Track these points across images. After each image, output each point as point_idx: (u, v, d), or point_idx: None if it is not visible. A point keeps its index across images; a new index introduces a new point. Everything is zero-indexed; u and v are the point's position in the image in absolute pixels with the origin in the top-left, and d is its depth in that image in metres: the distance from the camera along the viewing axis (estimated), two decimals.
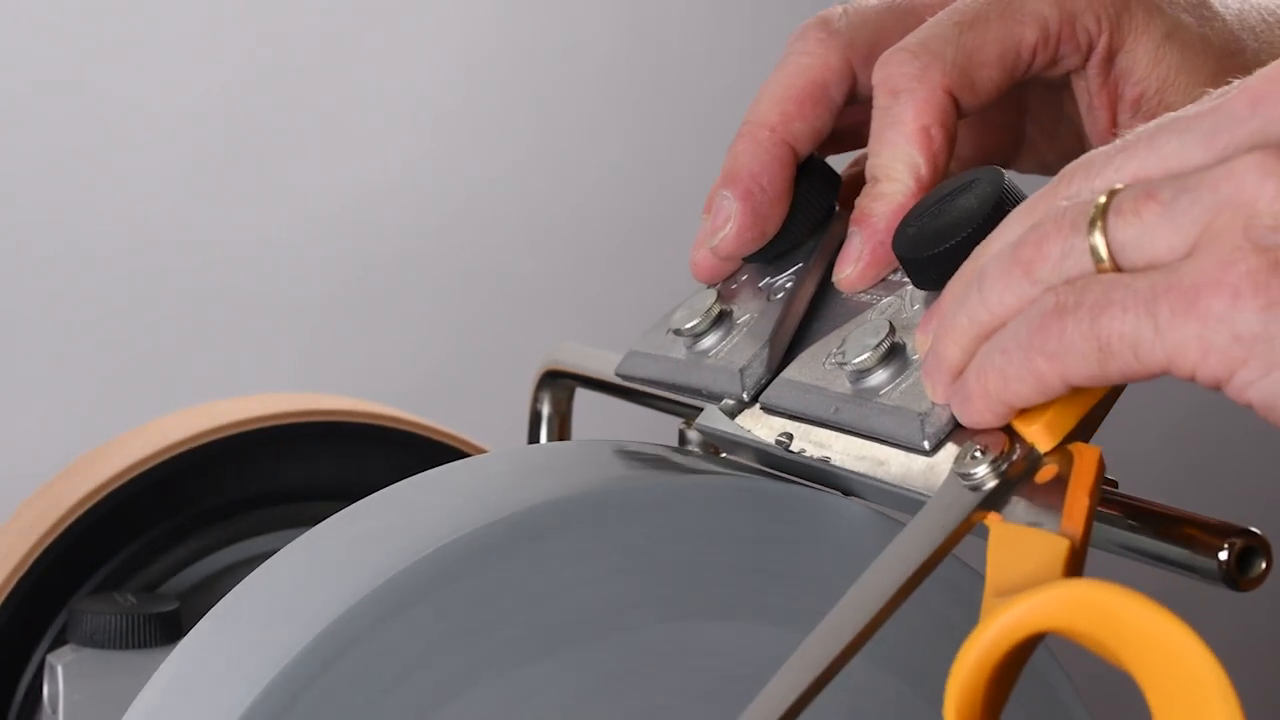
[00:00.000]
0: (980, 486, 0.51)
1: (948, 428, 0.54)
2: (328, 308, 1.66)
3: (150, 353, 1.60)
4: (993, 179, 0.57)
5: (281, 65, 1.63)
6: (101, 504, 0.84)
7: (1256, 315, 0.45)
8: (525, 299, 1.69)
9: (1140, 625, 0.44)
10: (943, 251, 0.56)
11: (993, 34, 0.62)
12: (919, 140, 0.61)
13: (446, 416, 0.98)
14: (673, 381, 0.64)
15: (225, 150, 1.61)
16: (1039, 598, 0.45)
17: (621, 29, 1.74)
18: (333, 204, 1.65)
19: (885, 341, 0.56)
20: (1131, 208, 0.47)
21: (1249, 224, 0.45)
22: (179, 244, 1.61)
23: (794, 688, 0.49)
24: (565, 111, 1.71)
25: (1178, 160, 0.48)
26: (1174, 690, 0.43)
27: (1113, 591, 0.44)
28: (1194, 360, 0.46)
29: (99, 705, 0.76)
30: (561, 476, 0.57)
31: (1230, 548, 0.50)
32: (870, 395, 0.57)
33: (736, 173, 0.63)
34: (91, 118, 1.57)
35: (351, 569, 0.56)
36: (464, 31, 1.68)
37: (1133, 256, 0.47)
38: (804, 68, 0.65)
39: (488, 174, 1.70)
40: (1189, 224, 0.46)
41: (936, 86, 0.61)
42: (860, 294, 0.62)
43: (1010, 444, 0.51)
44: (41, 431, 1.56)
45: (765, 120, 0.64)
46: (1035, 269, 0.49)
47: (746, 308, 0.64)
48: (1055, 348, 0.48)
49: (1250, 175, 0.45)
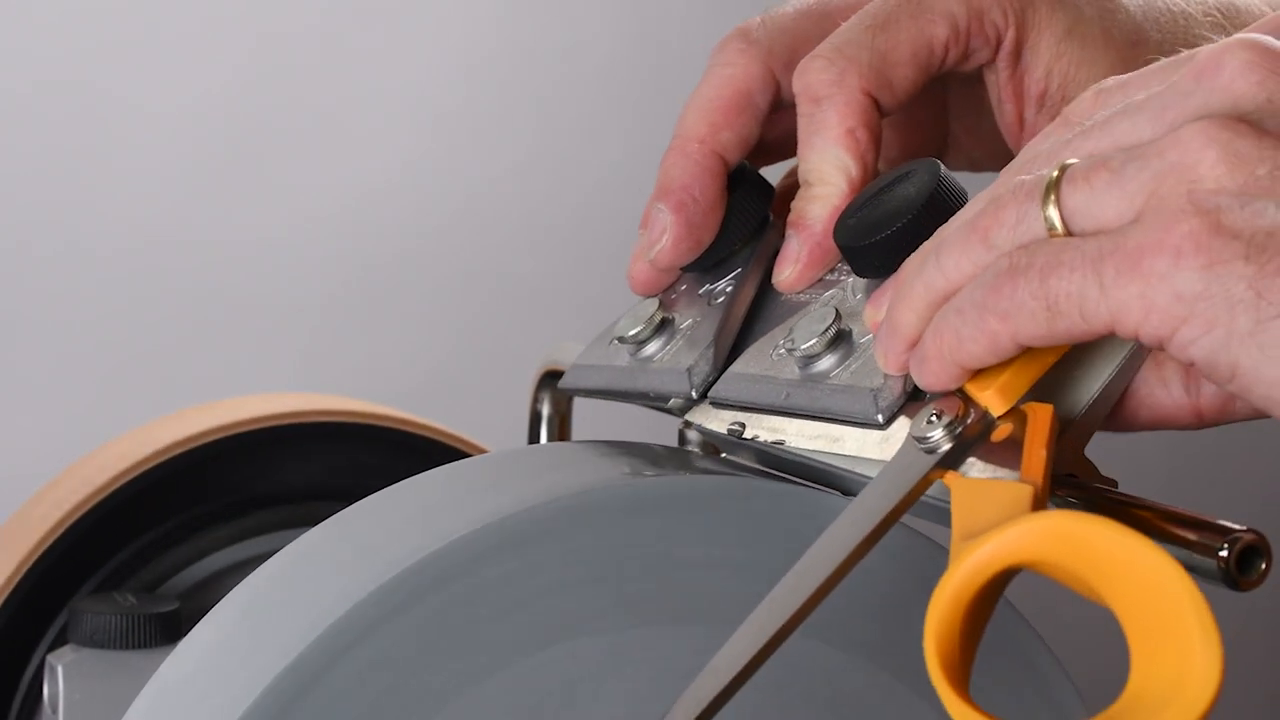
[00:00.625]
0: (936, 449, 0.53)
1: (900, 400, 0.56)
2: (328, 308, 1.66)
3: (150, 353, 1.60)
4: (929, 169, 0.59)
5: (281, 65, 1.63)
6: (101, 504, 0.84)
7: (1197, 274, 0.46)
8: (525, 299, 1.69)
9: (1114, 551, 0.44)
10: (883, 239, 0.58)
11: (904, 34, 0.64)
12: (845, 142, 0.63)
13: (446, 416, 0.98)
14: (619, 389, 0.65)
15: (225, 150, 1.61)
16: (1012, 531, 0.45)
17: (621, 29, 1.74)
18: (333, 204, 1.65)
19: (832, 327, 0.58)
20: (1083, 175, 0.49)
21: (1192, 188, 0.47)
22: (179, 244, 1.60)
23: (756, 640, 0.51)
24: (565, 111, 1.71)
25: (1130, 138, 0.50)
26: (1149, 614, 0.43)
27: (1085, 519, 0.45)
28: (1137, 319, 0.47)
29: (99, 705, 0.76)
30: (541, 480, 0.57)
31: (1230, 547, 0.50)
32: (820, 379, 0.58)
33: (669, 185, 0.65)
34: (91, 118, 1.57)
35: (348, 571, 0.56)
36: (464, 31, 1.68)
37: (1083, 222, 0.49)
38: (727, 78, 0.67)
39: (488, 174, 1.70)
40: (1136, 190, 0.48)
41: (855, 90, 0.63)
42: (799, 294, 0.63)
43: (965, 408, 0.53)
44: (41, 431, 1.56)
45: (694, 133, 0.66)
46: (991, 235, 0.51)
47: (688, 314, 0.65)
48: (1007, 307, 0.49)
49: (1194, 142, 0.47)
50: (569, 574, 0.54)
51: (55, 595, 0.84)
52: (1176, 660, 0.42)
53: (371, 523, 0.58)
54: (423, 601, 0.53)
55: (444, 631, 0.54)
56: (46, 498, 0.87)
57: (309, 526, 0.61)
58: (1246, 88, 0.48)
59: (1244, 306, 0.46)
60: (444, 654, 0.54)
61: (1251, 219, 0.46)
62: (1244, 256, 0.46)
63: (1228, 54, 0.49)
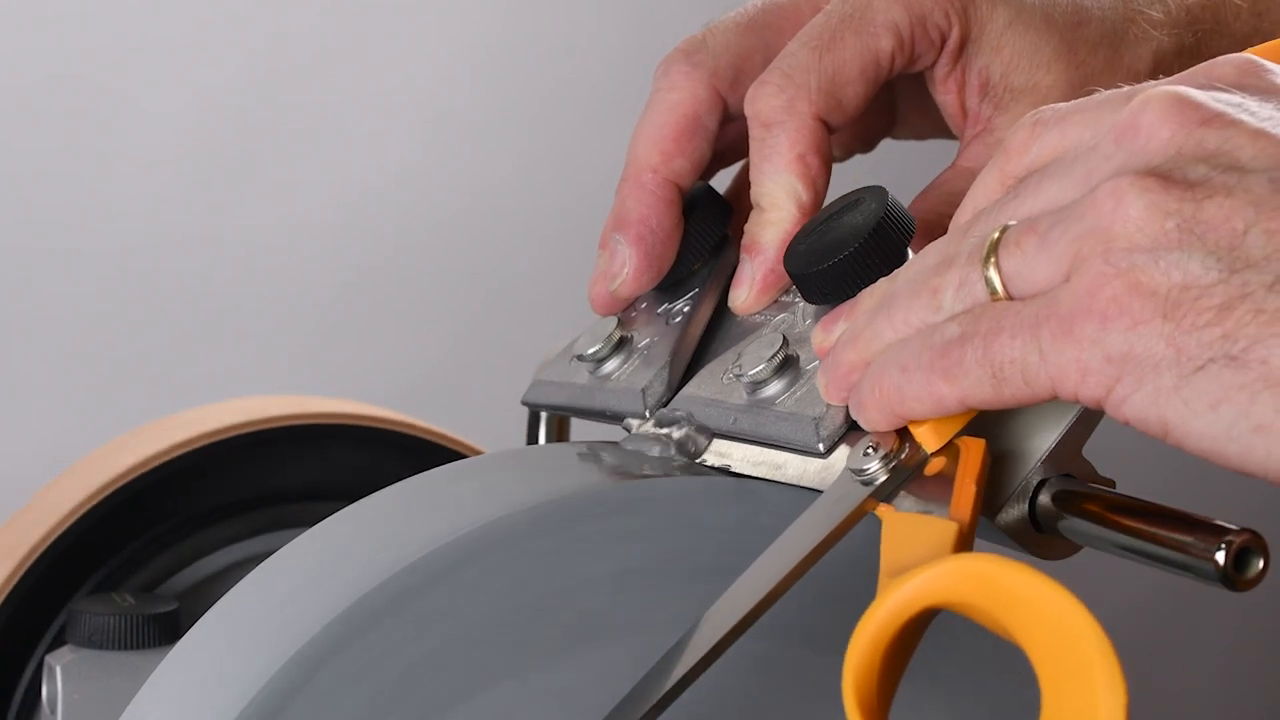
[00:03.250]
0: (872, 481, 0.54)
1: (841, 430, 0.57)
2: (327, 308, 1.66)
3: (149, 353, 1.60)
4: (878, 198, 0.60)
5: (281, 65, 1.63)
6: (101, 504, 0.84)
7: (1123, 336, 0.48)
8: (525, 299, 1.69)
9: (1024, 594, 0.45)
10: (829, 267, 0.59)
11: (850, 51, 0.65)
12: (796, 169, 0.64)
13: (446, 416, 0.98)
14: (577, 406, 0.67)
15: (224, 151, 1.61)
16: (930, 572, 0.47)
17: (621, 29, 1.74)
18: (332, 204, 1.65)
19: (779, 354, 0.60)
20: (1015, 240, 0.51)
21: (1108, 248, 0.48)
22: (178, 244, 1.61)
23: (682, 667, 0.52)
24: (565, 111, 1.71)
25: (1058, 200, 0.51)
26: (1059, 656, 0.45)
27: (998, 563, 0.46)
28: (1075, 382, 0.49)
29: (98, 706, 0.76)
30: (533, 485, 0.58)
31: (1227, 547, 0.50)
32: (767, 405, 0.59)
33: (626, 218, 0.67)
34: (90, 119, 1.57)
35: (346, 573, 0.56)
36: (464, 31, 1.68)
37: (1020, 286, 0.51)
38: (674, 104, 0.68)
39: (488, 174, 1.70)
40: (1060, 253, 0.49)
41: (806, 116, 0.64)
42: (754, 315, 0.65)
43: (900, 442, 0.54)
44: (41, 431, 1.56)
45: (647, 162, 0.68)
46: (939, 296, 0.53)
47: (646, 332, 0.66)
48: (956, 373, 0.51)
49: (1107, 203, 0.49)
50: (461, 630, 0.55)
51: (54, 596, 0.84)
52: (1083, 701, 0.44)
53: (359, 532, 0.59)
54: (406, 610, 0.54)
55: (443, 634, 0.54)
56: (46, 498, 0.87)
57: (307, 527, 0.61)
58: (1159, 145, 0.49)
59: (1166, 364, 0.47)
60: (440, 658, 0.54)
61: (1165, 274, 0.48)
62: (1162, 314, 0.47)
63: (1144, 111, 0.50)
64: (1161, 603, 1.88)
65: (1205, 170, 0.48)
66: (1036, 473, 0.56)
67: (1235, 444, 0.47)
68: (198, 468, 0.86)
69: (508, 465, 0.62)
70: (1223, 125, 0.49)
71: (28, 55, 1.55)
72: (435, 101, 1.68)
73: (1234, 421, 0.46)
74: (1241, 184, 0.48)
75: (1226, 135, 0.49)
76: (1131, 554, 0.53)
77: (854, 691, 0.47)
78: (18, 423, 1.57)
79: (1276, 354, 0.46)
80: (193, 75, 1.60)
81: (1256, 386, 0.46)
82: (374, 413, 0.89)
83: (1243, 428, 0.46)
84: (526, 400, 0.70)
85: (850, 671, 0.47)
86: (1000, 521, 0.56)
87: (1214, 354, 0.47)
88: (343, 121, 1.66)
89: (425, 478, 0.61)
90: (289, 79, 1.63)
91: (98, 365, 1.59)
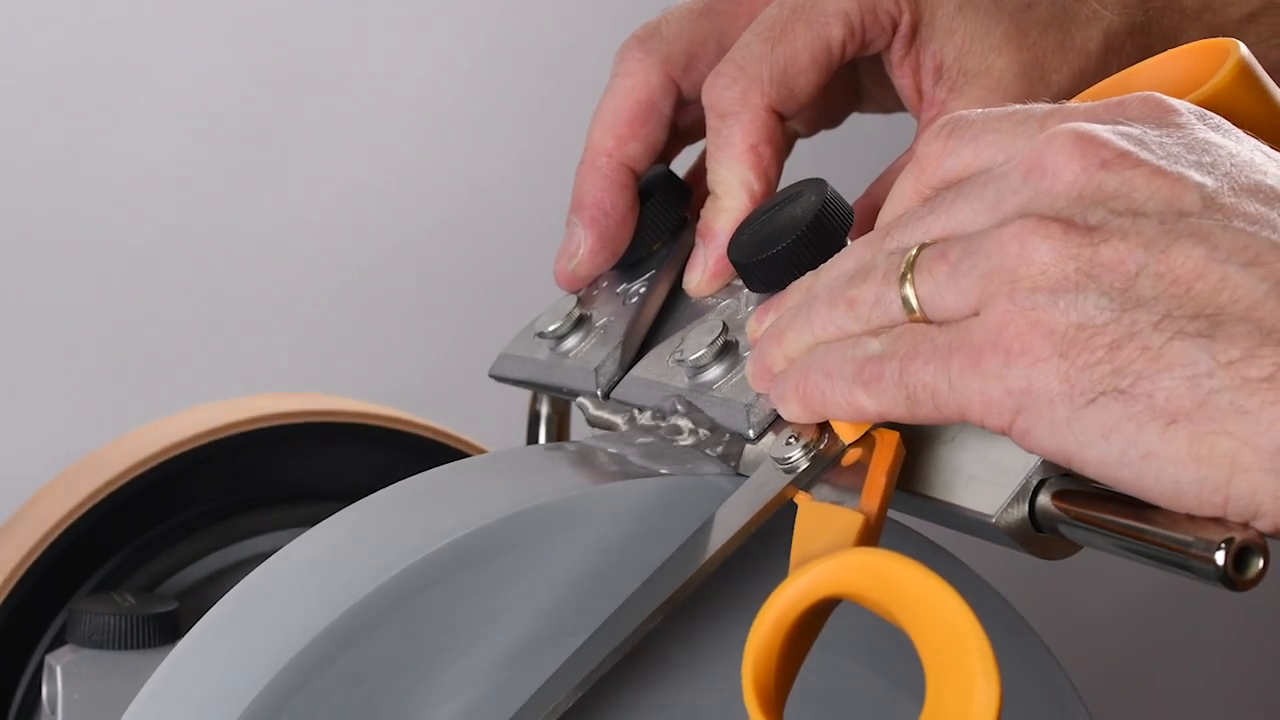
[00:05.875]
0: (793, 469, 0.57)
1: (770, 417, 0.60)
2: (327, 307, 1.66)
3: (149, 353, 1.60)
4: (818, 190, 0.63)
5: (280, 65, 1.63)
6: (101, 504, 0.84)
7: (1023, 372, 0.51)
8: (525, 299, 1.69)
9: (912, 588, 0.48)
10: (768, 258, 0.62)
11: (802, 42, 0.67)
12: (749, 159, 0.67)
13: (446, 416, 0.98)
14: (538, 381, 0.70)
15: (223, 150, 1.61)
16: (825, 565, 0.49)
17: (621, 29, 1.74)
18: (332, 203, 1.65)
19: (719, 339, 0.63)
20: (928, 266, 0.54)
21: (1013, 288, 0.51)
22: (178, 244, 1.60)
23: (601, 651, 0.54)
24: (565, 111, 1.71)
25: (970, 224, 0.54)
26: (942, 648, 0.47)
27: (887, 557, 0.49)
28: (980, 412, 0.52)
29: (98, 705, 0.76)
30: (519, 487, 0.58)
31: (1227, 547, 0.49)
32: (705, 389, 0.62)
33: (581, 201, 0.70)
34: (89, 119, 1.57)
35: (346, 572, 0.56)
36: (464, 31, 1.68)
37: (933, 310, 0.53)
38: (628, 90, 0.71)
39: (487, 174, 1.70)
40: (968, 286, 0.52)
41: (759, 108, 0.67)
42: (706, 298, 0.68)
43: (820, 433, 0.57)
44: (41, 431, 1.56)
45: (601, 146, 0.71)
46: (856, 306, 0.55)
47: (604, 311, 0.69)
48: (876, 387, 0.54)
49: (1013, 244, 0.51)
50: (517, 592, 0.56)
51: (54, 595, 0.84)
52: (961, 691, 0.46)
53: (355, 534, 0.59)
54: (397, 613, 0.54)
55: (443, 635, 0.54)
56: (45, 498, 0.87)
57: (307, 527, 0.61)
58: (1062, 186, 0.52)
59: (1061, 399, 0.50)
60: (435, 658, 0.54)
61: (1064, 314, 0.50)
62: (1059, 353, 0.50)
63: (1049, 151, 0.52)
64: (1161, 602, 1.88)
65: (1103, 214, 0.51)
66: (1037, 473, 0.56)
67: (1128, 469, 0.50)
68: (198, 467, 0.86)
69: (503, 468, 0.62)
70: (1123, 166, 0.51)
71: (26, 56, 1.55)
72: (436, 100, 1.68)
73: (1124, 449, 0.50)
74: (1134, 227, 0.50)
75: (1125, 177, 0.51)
76: (1131, 554, 0.53)
77: (752, 678, 0.49)
78: (18, 422, 1.57)
79: (1161, 388, 0.49)
80: (190, 76, 1.60)
81: (1144, 417, 0.49)
82: (375, 411, 0.89)
83: (1133, 455, 0.49)
84: (493, 373, 0.73)
85: (749, 659, 0.49)
86: (1000, 521, 0.56)
87: (1104, 388, 0.50)
88: (343, 121, 1.65)
89: (426, 477, 0.61)
90: (288, 78, 1.63)
91: (97, 365, 1.59)
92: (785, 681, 0.50)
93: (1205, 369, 0.48)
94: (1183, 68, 0.61)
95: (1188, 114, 0.54)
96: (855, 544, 0.53)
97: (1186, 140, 0.53)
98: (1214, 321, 0.49)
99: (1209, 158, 0.52)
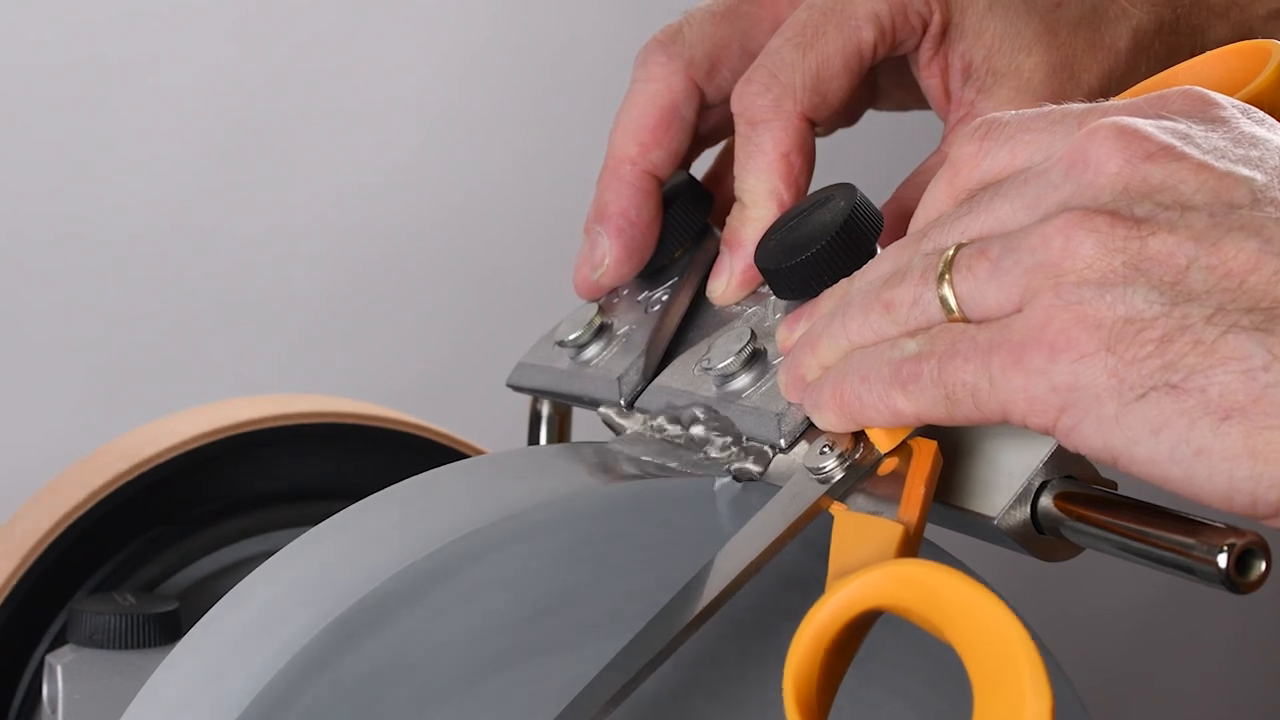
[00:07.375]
0: (828, 479, 0.56)
1: (802, 426, 0.59)
2: (326, 307, 1.66)
3: (149, 353, 1.60)
4: (847, 196, 0.61)
5: (279, 65, 1.62)
6: (101, 504, 0.84)
7: (1069, 367, 0.49)
8: (525, 299, 1.69)
9: (958, 600, 0.47)
10: (797, 264, 0.60)
11: (833, 46, 0.66)
12: (780, 168, 0.65)
13: (446, 416, 0.98)
14: (558, 390, 0.69)
15: (222, 150, 1.61)
16: (869, 576, 0.49)
17: (619, 28, 1.74)
18: (331, 203, 1.65)
19: (747, 348, 0.61)
20: (968, 264, 0.52)
21: (1058, 283, 0.50)
22: (177, 244, 1.60)
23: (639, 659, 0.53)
24: (564, 111, 1.71)
25: (1010, 222, 0.53)
26: (989, 660, 0.46)
27: (931, 568, 0.48)
28: (1023, 410, 0.51)
29: (98, 705, 0.76)
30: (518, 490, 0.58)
31: (1229, 550, 0.50)
32: (734, 398, 0.61)
33: (605, 209, 0.69)
34: (89, 120, 1.57)
35: (347, 573, 0.56)
36: (462, 31, 1.68)
37: (973, 309, 0.52)
38: (652, 95, 0.70)
39: (486, 174, 1.70)
40: (1011, 283, 0.51)
41: (792, 115, 0.66)
42: (731, 305, 0.66)
43: (855, 442, 0.56)
44: (41, 431, 1.56)
45: (625, 154, 0.69)
46: (893, 310, 0.54)
47: (625, 319, 0.68)
48: (913, 389, 0.53)
49: (1057, 238, 0.50)
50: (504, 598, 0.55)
51: (55, 595, 0.84)
52: (1011, 703, 0.45)
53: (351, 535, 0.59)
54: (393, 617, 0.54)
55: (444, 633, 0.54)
56: (46, 498, 0.87)
57: (308, 527, 0.61)
58: (1106, 180, 0.51)
59: (1108, 394, 0.49)
60: (433, 661, 0.54)
61: (1111, 308, 0.49)
62: (1107, 347, 0.49)
63: (1091, 144, 0.51)
64: (1162, 603, 1.88)
65: (1150, 207, 0.50)
66: (1039, 475, 0.56)
67: (1178, 467, 0.48)
68: (198, 467, 0.86)
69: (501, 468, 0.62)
70: (1168, 159, 0.50)
71: (26, 54, 1.55)
72: (434, 99, 1.68)
73: (1175, 446, 0.48)
74: (1184, 220, 0.49)
75: (1171, 170, 0.50)
76: (1133, 556, 0.53)
77: (794, 692, 0.48)
78: (18, 422, 1.57)
79: (1214, 383, 0.48)
80: (189, 76, 1.60)
81: (1196, 413, 0.48)
82: (372, 411, 0.89)
83: (1184, 451, 0.48)
84: (510, 383, 0.72)
85: (791, 672, 0.48)
86: (1002, 523, 0.56)
87: (1155, 383, 0.48)
88: (343, 121, 1.65)
89: (425, 477, 0.61)
90: (288, 78, 1.63)
91: (97, 365, 1.59)
92: (826, 696, 0.49)
93: (1261, 362, 0.47)
94: (1224, 69, 0.60)
95: (1231, 108, 0.53)
96: (896, 555, 0.52)
97: (1232, 135, 0.52)
98: (1270, 315, 0.48)
99: (1256, 152, 0.51)
